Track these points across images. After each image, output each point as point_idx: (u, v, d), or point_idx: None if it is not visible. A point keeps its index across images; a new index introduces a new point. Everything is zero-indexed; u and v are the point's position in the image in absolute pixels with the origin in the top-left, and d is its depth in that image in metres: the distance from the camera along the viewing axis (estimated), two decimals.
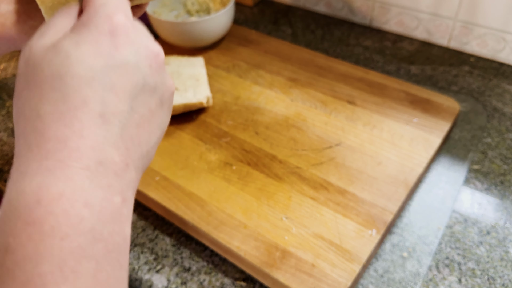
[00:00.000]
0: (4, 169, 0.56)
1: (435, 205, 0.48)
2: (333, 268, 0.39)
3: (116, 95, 0.20)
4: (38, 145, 0.19)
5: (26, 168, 0.18)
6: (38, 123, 0.19)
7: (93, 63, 0.20)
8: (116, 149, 0.20)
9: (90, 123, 0.19)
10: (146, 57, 0.21)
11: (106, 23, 0.20)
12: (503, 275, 0.42)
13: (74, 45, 0.20)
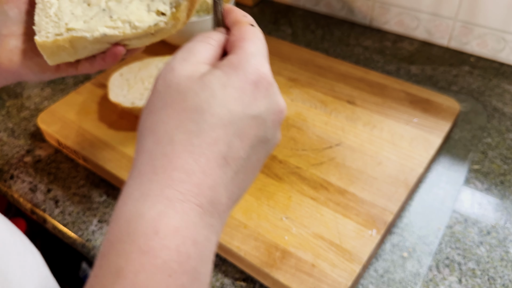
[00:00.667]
0: (4, 169, 0.56)
1: (435, 205, 0.48)
2: (333, 268, 0.39)
3: (242, 141, 0.21)
4: (165, 171, 0.19)
5: (148, 191, 0.19)
6: (169, 148, 0.20)
7: (233, 108, 0.21)
8: (226, 191, 0.21)
9: (214, 163, 0.20)
10: (273, 113, 0.22)
11: (254, 73, 0.22)
12: (503, 275, 0.42)
13: (222, 87, 0.21)
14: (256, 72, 0.22)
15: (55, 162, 0.57)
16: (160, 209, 0.19)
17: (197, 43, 0.23)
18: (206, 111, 0.20)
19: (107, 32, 0.30)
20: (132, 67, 0.59)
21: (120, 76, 0.58)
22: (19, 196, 0.53)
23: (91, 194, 0.52)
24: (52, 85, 0.69)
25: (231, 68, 0.22)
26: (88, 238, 0.47)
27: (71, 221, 0.49)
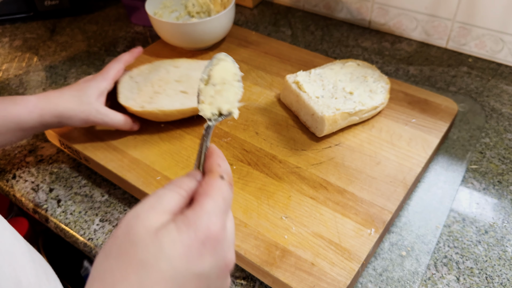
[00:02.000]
0: (6, 169, 0.57)
1: (434, 204, 0.49)
2: (332, 266, 0.40)
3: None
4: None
5: None
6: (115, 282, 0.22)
7: (177, 265, 0.22)
8: None
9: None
10: (219, 268, 0.24)
11: (204, 232, 0.23)
12: (501, 274, 0.43)
13: (171, 243, 0.22)
14: (206, 231, 0.23)
15: (57, 162, 0.57)
16: None
17: (167, 192, 0.25)
18: (151, 266, 0.22)
19: None
20: (142, 70, 0.59)
21: (129, 78, 0.57)
22: (21, 196, 0.53)
23: (92, 193, 0.52)
24: (54, 85, 0.70)
25: (184, 224, 0.23)
26: (90, 237, 0.48)
27: (73, 220, 0.50)
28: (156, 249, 0.22)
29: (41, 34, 0.83)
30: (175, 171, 0.50)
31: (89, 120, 0.49)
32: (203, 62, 0.60)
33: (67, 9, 0.86)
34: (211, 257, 0.24)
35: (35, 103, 0.47)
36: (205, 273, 0.24)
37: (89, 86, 0.50)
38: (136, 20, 0.83)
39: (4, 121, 0.46)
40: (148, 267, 0.22)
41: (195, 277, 0.23)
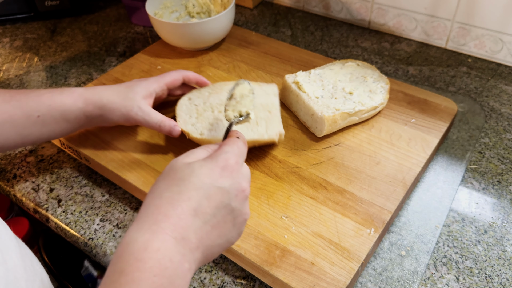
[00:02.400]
0: (7, 169, 0.57)
1: (433, 204, 0.49)
2: (332, 266, 0.40)
3: (208, 202, 0.31)
4: (153, 214, 0.30)
5: (141, 226, 0.30)
6: (158, 201, 0.31)
7: (204, 179, 0.32)
8: (195, 234, 0.31)
9: (186, 212, 0.30)
10: (236, 189, 0.33)
11: (223, 161, 0.33)
12: (500, 274, 0.43)
13: (199, 166, 0.33)
14: (224, 161, 0.33)
15: (58, 162, 0.57)
16: (147, 236, 0.29)
17: (198, 149, 0.36)
18: (186, 180, 0.32)
19: None
20: (202, 92, 0.55)
21: (188, 100, 0.53)
22: (22, 196, 0.53)
23: (93, 193, 0.53)
24: (55, 85, 0.70)
25: (209, 158, 0.34)
26: (90, 236, 0.48)
27: (74, 220, 0.50)
28: (189, 170, 0.32)
29: (42, 34, 0.83)
30: None
31: (130, 117, 0.48)
32: (267, 86, 0.56)
33: (67, 10, 0.86)
34: (229, 179, 0.33)
35: (81, 92, 0.47)
36: (225, 188, 0.32)
37: (138, 84, 0.50)
38: (137, 20, 0.83)
39: (49, 110, 0.46)
40: (184, 180, 0.32)
41: (217, 189, 0.32)
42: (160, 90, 0.51)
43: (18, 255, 0.34)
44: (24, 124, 0.45)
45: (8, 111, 0.44)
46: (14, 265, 0.32)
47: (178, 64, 0.67)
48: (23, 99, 0.45)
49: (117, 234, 0.48)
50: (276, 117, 0.51)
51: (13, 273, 0.32)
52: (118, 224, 0.49)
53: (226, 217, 0.32)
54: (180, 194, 0.31)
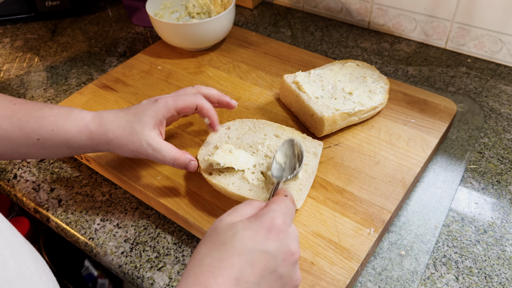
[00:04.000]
0: (7, 169, 0.57)
1: (433, 204, 0.49)
2: (332, 266, 0.40)
3: (252, 269, 0.29)
4: (193, 285, 0.28)
5: (184, 285, 0.28)
6: (199, 269, 0.29)
7: (247, 243, 0.29)
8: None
9: (227, 282, 0.28)
10: (283, 253, 0.30)
11: (269, 222, 0.31)
12: (500, 274, 0.43)
13: (243, 228, 0.30)
14: (271, 222, 0.31)
15: (58, 162, 0.57)
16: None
17: (243, 205, 0.34)
18: (228, 244, 0.29)
19: None
20: (243, 124, 0.51)
21: (225, 131, 0.50)
22: (23, 196, 0.54)
23: (93, 193, 0.53)
24: (55, 86, 0.70)
25: (254, 218, 0.31)
26: (91, 236, 0.48)
27: (74, 220, 0.50)
28: (232, 233, 0.30)
29: (42, 34, 0.83)
30: (176, 171, 0.50)
31: (140, 153, 0.43)
32: (309, 143, 0.50)
33: (68, 10, 0.86)
34: (275, 241, 0.30)
35: (87, 123, 0.43)
36: (271, 252, 0.30)
37: (146, 112, 0.44)
38: (137, 20, 0.83)
39: (50, 135, 0.42)
40: (226, 245, 0.29)
41: (262, 254, 0.29)
42: (170, 116, 0.45)
43: (32, 262, 0.33)
44: (22, 144, 0.42)
45: (6, 128, 0.41)
46: (31, 274, 0.32)
47: (178, 64, 0.67)
48: (25, 117, 0.42)
49: (117, 234, 0.48)
50: (304, 186, 0.44)
51: (30, 283, 0.30)
52: (119, 224, 0.49)
53: (272, 285, 0.30)
54: (221, 261, 0.29)
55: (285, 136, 0.50)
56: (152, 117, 0.43)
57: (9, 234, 0.30)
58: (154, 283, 0.43)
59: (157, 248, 0.46)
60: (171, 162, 0.44)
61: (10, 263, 0.28)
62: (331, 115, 0.50)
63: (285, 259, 0.30)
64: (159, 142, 0.43)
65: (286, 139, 0.45)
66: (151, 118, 0.43)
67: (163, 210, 0.48)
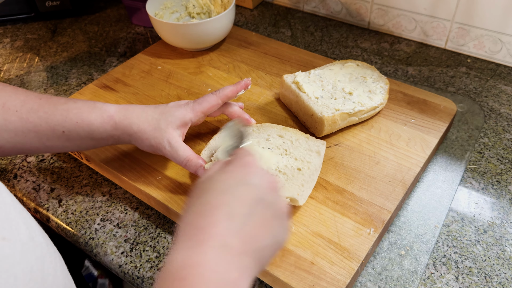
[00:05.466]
0: (8, 169, 0.57)
1: (433, 204, 0.49)
2: (332, 266, 0.40)
3: (240, 202, 0.30)
4: (186, 233, 0.29)
5: (178, 247, 0.28)
6: (189, 218, 0.30)
7: (228, 181, 0.31)
8: (236, 238, 0.28)
9: (220, 218, 0.29)
10: (265, 181, 0.32)
11: (241, 161, 0.33)
12: (500, 274, 0.43)
13: (219, 174, 0.32)
14: (241, 160, 0.33)
15: (58, 161, 0.57)
16: (185, 255, 0.27)
17: (212, 165, 0.35)
18: (210, 189, 0.31)
19: None
20: None
21: None
22: (23, 196, 0.54)
23: (94, 193, 0.53)
24: (55, 86, 0.70)
25: (225, 164, 0.33)
26: (91, 236, 0.48)
27: (74, 220, 0.50)
28: (210, 182, 0.32)
29: (42, 34, 0.83)
30: (176, 171, 0.50)
31: (158, 149, 0.45)
32: (313, 142, 0.49)
33: (68, 10, 0.86)
34: (254, 174, 0.32)
35: (111, 114, 0.45)
36: (253, 183, 0.31)
37: (173, 113, 0.46)
38: (137, 21, 0.83)
39: (75, 127, 0.44)
40: (208, 191, 0.31)
41: (245, 187, 0.31)
42: (196, 119, 0.48)
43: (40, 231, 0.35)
44: (48, 136, 0.44)
45: (34, 122, 0.43)
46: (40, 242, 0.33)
47: (178, 65, 0.67)
48: (51, 110, 0.44)
49: (117, 233, 0.48)
50: (307, 183, 0.44)
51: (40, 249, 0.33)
52: (119, 224, 0.49)
53: (264, 212, 0.30)
54: (208, 204, 0.29)
55: (288, 137, 0.50)
56: (179, 118, 0.46)
57: (18, 206, 0.32)
58: (154, 283, 0.43)
59: (157, 248, 0.46)
60: (184, 163, 0.45)
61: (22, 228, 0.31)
62: (331, 115, 0.50)
63: (268, 187, 0.32)
64: (178, 142, 0.45)
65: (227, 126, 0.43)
66: (178, 119, 0.46)
67: (163, 210, 0.48)
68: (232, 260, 0.27)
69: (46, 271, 0.32)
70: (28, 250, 0.30)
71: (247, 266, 0.28)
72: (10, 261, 0.28)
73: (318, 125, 0.52)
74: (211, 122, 0.56)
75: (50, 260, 0.34)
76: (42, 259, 0.32)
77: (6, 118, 0.43)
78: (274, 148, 0.48)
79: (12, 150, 0.45)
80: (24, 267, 0.29)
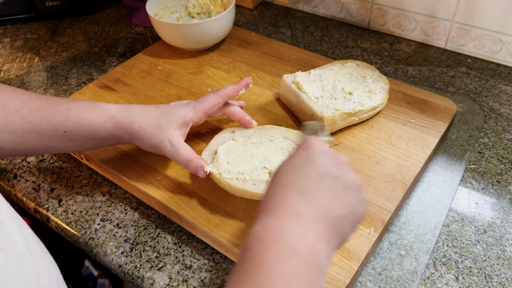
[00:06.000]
0: (8, 169, 0.57)
1: (433, 204, 0.49)
2: (332, 266, 0.40)
3: (307, 178, 0.32)
4: (262, 208, 0.32)
5: (259, 217, 0.31)
6: (263, 199, 0.33)
7: (293, 163, 0.33)
8: (308, 208, 0.30)
9: (291, 193, 0.31)
10: (329, 158, 0.33)
11: (304, 145, 0.35)
12: (500, 274, 0.43)
13: (285, 160, 0.34)
14: (306, 143, 0.35)
15: (58, 161, 0.57)
16: (262, 224, 0.30)
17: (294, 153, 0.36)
18: (278, 173, 0.33)
19: None
20: (248, 131, 0.51)
21: (231, 134, 0.50)
22: (23, 196, 0.54)
23: (93, 193, 0.53)
24: (55, 86, 0.70)
25: (296, 149, 0.35)
26: (91, 236, 0.48)
27: (74, 220, 0.50)
28: (279, 168, 0.34)
29: (42, 34, 0.83)
30: (176, 171, 0.50)
31: (159, 149, 0.45)
32: None
33: (68, 10, 0.86)
34: (317, 154, 0.33)
35: (112, 113, 0.45)
36: (318, 162, 0.33)
37: (174, 113, 0.46)
38: (137, 21, 0.83)
39: (76, 127, 0.44)
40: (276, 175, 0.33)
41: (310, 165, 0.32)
42: (198, 119, 0.48)
43: (32, 235, 0.35)
44: (49, 137, 0.44)
45: (34, 122, 0.43)
46: (32, 243, 0.33)
47: (178, 64, 0.67)
48: (52, 110, 0.44)
49: (117, 233, 0.48)
50: None
51: (33, 250, 0.33)
52: (119, 224, 0.49)
53: (333, 185, 0.32)
54: (277, 184, 0.32)
55: (292, 137, 0.50)
56: (180, 118, 0.46)
57: (14, 215, 0.32)
58: (154, 283, 0.43)
59: (157, 248, 0.46)
60: (184, 163, 0.45)
61: (17, 238, 0.31)
62: (331, 115, 0.50)
63: (334, 164, 0.33)
64: (179, 141, 0.45)
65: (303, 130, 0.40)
66: (179, 118, 0.46)
67: (163, 210, 0.48)
68: (306, 226, 0.29)
69: (41, 281, 0.32)
70: (24, 260, 0.30)
71: (322, 231, 0.30)
72: (5, 271, 0.28)
73: None
74: (211, 122, 0.56)
75: (46, 269, 0.34)
76: (38, 269, 0.32)
77: (7, 119, 0.43)
78: (279, 149, 0.48)
79: (12, 151, 0.45)
80: (19, 277, 0.29)
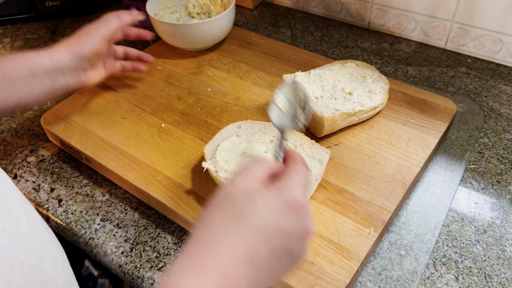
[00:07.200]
0: (8, 169, 0.57)
1: (433, 204, 0.49)
2: (332, 266, 0.40)
3: (267, 246, 0.27)
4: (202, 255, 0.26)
5: (187, 266, 0.26)
6: (210, 240, 0.27)
7: (265, 217, 0.27)
8: (245, 283, 0.26)
9: (241, 258, 0.26)
10: (300, 231, 0.28)
11: (290, 197, 0.28)
12: (500, 273, 0.43)
13: (260, 197, 0.28)
14: (292, 197, 0.28)
15: (58, 161, 0.57)
16: (191, 284, 0.25)
17: (253, 165, 0.30)
18: (244, 215, 0.27)
19: None
20: (253, 126, 0.50)
21: (236, 129, 0.50)
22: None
23: (93, 193, 0.53)
24: None
25: (274, 189, 0.28)
26: (91, 236, 0.48)
27: (74, 220, 0.50)
28: (249, 203, 0.27)
29: (42, 34, 0.83)
30: (176, 171, 0.50)
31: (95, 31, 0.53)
32: (317, 149, 0.48)
33: (68, 10, 0.86)
34: (295, 219, 0.28)
35: (46, 50, 0.49)
36: (288, 231, 0.27)
37: (82, 48, 0.52)
38: None
39: (15, 65, 0.46)
40: (241, 216, 0.27)
41: (279, 232, 0.27)
42: (101, 47, 0.53)
43: (41, 222, 0.35)
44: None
45: None
46: (41, 233, 0.34)
47: (178, 64, 0.67)
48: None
49: (117, 233, 0.48)
50: None
51: (41, 239, 0.33)
52: (119, 223, 0.49)
53: (282, 260, 0.28)
54: (236, 233, 0.27)
55: (293, 140, 0.49)
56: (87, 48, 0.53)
57: (22, 199, 0.33)
58: (154, 283, 0.43)
59: (157, 248, 0.46)
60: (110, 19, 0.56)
61: (23, 221, 0.31)
62: (331, 115, 0.50)
63: (300, 237, 0.28)
64: None
65: (288, 83, 0.37)
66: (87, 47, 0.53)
67: (163, 210, 0.48)
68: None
69: (46, 264, 0.32)
70: (29, 242, 0.30)
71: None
72: (8, 251, 0.28)
73: (318, 125, 0.52)
74: (211, 122, 0.56)
75: (51, 253, 0.34)
76: (41, 251, 0.32)
77: None
78: None
79: None
80: (23, 258, 0.29)
